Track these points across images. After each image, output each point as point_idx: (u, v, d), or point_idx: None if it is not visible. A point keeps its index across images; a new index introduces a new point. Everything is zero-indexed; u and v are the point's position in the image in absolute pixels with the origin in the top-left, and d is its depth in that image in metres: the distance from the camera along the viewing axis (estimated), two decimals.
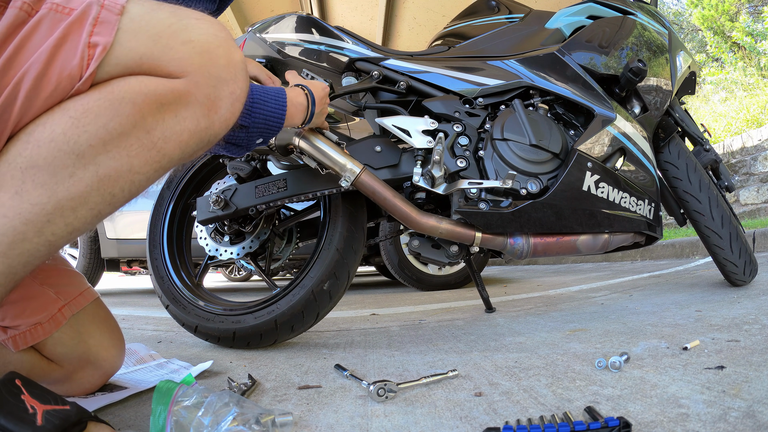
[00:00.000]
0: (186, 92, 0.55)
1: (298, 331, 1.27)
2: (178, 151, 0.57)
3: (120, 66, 0.53)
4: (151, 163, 0.56)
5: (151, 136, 0.55)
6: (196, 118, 0.57)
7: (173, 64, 0.55)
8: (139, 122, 0.53)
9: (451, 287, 3.08)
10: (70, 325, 0.82)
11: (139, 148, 0.54)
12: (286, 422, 0.66)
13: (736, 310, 1.34)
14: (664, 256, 4.18)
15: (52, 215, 0.52)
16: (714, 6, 9.86)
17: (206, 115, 0.58)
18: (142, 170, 0.56)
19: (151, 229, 1.50)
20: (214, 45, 0.57)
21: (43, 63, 0.50)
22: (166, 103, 0.54)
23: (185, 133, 0.57)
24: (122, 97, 0.52)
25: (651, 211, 1.41)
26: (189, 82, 0.55)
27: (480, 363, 1.01)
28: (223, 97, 0.59)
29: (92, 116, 0.52)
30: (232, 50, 0.59)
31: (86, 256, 3.49)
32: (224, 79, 0.58)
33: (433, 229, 1.22)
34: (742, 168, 5.51)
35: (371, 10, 4.42)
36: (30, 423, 0.51)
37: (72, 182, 0.52)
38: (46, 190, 0.51)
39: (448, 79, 1.37)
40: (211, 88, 0.57)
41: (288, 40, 1.43)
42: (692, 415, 0.64)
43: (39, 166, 0.51)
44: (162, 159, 0.56)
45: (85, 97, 0.52)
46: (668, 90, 1.58)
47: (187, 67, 0.55)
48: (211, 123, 0.59)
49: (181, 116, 0.56)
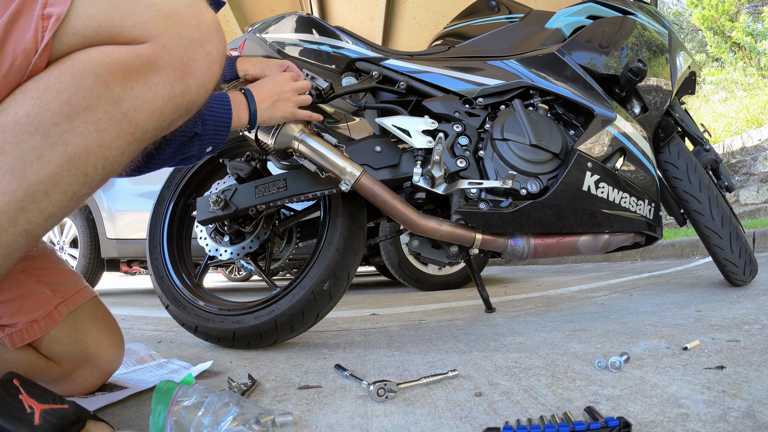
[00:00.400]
0: (154, 57, 0.53)
1: (298, 331, 1.27)
2: (153, 121, 0.55)
3: (78, 36, 0.51)
4: (124, 136, 0.53)
5: (119, 107, 0.52)
6: (169, 83, 0.54)
7: (137, 29, 0.52)
8: (105, 93, 0.51)
9: (451, 287, 3.08)
10: (67, 322, 0.82)
11: (108, 121, 0.52)
12: (286, 422, 0.66)
13: (736, 310, 1.34)
14: (664, 256, 4.18)
15: (24, 202, 0.49)
16: (714, 6, 9.86)
17: (180, 80, 0.55)
18: (114, 144, 0.53)
19: (151, 229, 1.50)
20: (181, 6, 0.55)
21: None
22: (132, 71, 0.52)
23: (158, 100, 0.54)
24: (83, 70, 0.50)
25: (651, 211, 1.41)
26: (156, 46, 0.53)
27: (480, 363, 1.01)
28: (197, 59, 0.56)
29: (54, 93, 0.49)
30: (202, 10, 0.57)
31: (86, 256, 3.49)
32: (197, 40, 0.55)
33: (433, 232, 1.22)
34: (742, 168, 5.51)
35: (371, 10, 4.42)
36: (28, 422, 0.51)
37: (41, 164, 0.49)
38: (15, 176, 0.49)
39: (448, 79, 1.37)
40: (182, 50, 0.54)
41: (288, 40, 1.43)
42: (692, 415, 0.64)
43: (6, 151, 0.49)
44: (135, 130, 0.54)
45: (44, 74, 0.50)
46: (668, 90, 1.58)
47: (153, 30, 0.53)
48: (186, 87, 0.56)
49: (151, 83, 0.53)
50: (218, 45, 0.58)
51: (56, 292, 0.82)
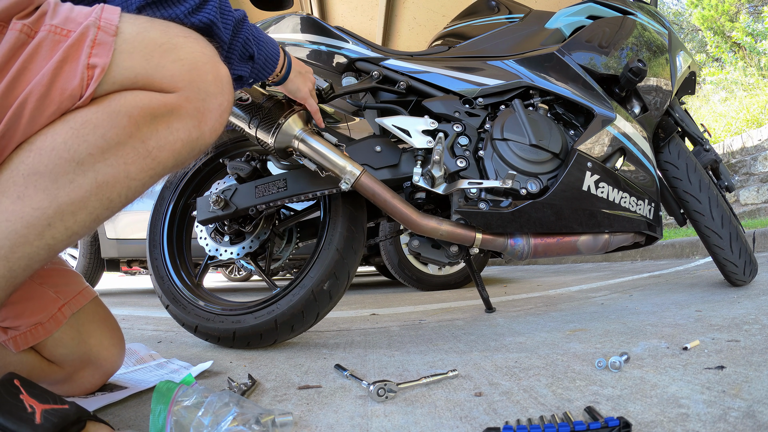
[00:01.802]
0: (177, 105, 0.60)
1: (298, 331, 1.27)
2: (172, 160, 0.62)
3: (117, 84, 0.57)
4: (147, 170, 0.60)
5: (146, 145, 0.59)
6: (188, 129, 0.61)
7: (165, 81, 0.59)
8: (135, 133, 0.57)
9: (451, 287, 3.08)
10: (70, 324, 0.82)
11: (135, 156, 0.58)
12: (286, 422, 0.66)
13: (736, 310, 1.34)
14: (664, 256, 4.19)
15: (52, 219, 0.54)
16: (714, 6, 9.86)
17: (197, 126, 0.62)
18: (138, 177, 0.59)
19: (151, 229, 1.50)
20: (201, 62, 0.62)
21: (46, 84, 0.54)
22: (159, 115, 0.59)
23: (178, 143, 0.61)
24: (119, 110, 0.56)
25: (651, 211, 1.41)
26: (180, 97, 0.60)
27: (480, 363, 1.01)
28: (212, 110, 0.63)
29: (91, 127, 0.55)
30: (218, 66, 0.64)
31: (86, 256, 3.49)
32: (212, 93, 0.63)
33: (433, 231, 1.22)
34: (742, 168, 5.51)
35: (371, 10, 4.42)
36: (29, 422, 0.51)
37: (72, 188, 0.55)
38: (47, 195, 0.54)
39: (448, 79, 1.37)
40: (200, 101, 0.62)
41: (288, 40, 1.43)
42: (692, 415, 0.64)
43: (41, 172, 0.54)
44: (157, 166, 0.60)
45: (84, 110, 0.56)
46: (668, 90, 1.58)
47: (179, 83, 0.60)
48: (201, 133, 0.63)
49: (173, 127, 0.60)
50: (229, 97, 0.66)
51: (59, 294, 0.82)
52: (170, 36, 0.61)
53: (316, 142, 1.15)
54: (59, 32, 0.55)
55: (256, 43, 0.87)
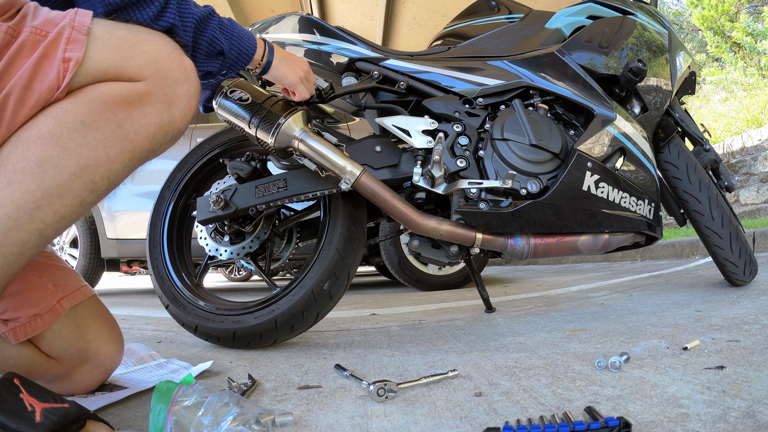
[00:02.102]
0: (147, 92, 0.65)
1: (298, 331, 1.27)
2: (148, 143, 0.67)
3: (90, 76, 0.63)
4: (125, 153, 0.65)
5: (123, 129, 0.64)
6: (159, 113, 0.67)
7: (134, 71, 0.65)
8: (111, 117, 0.63)
9: (451, 287, 3.08)
10: (69, 318, 0.83)
11: (114, 139, 0.63)
12: (286, 422, 0.66)
13: (736, 310, 1.34)
14: (664, 256, 4.19)
15: (40, 201, 0.59)
16: (714, 6, 9.86)
17: (168, 111, 0.67)
18: (117, 159, 0.64)
19: (151, 229, 1.50)
20: (165, 53, 0.68)
21: (27, 78, 0.59)
22: (131, 101, 0.64)
23: (152, 126, 0.66)
24: (94, 99, 0.62)
25: (651, 211, 1.41)
26: (148, 84, 0.65)
27: (480, 363, 1.01)
28: (180, 95, 0.68)
29: (71, 115, 0.61)
30: (180, 57, 0.70)
31: (86, 256, 3.49)
32: (178, 80, 0.68)
33: (433, 231, 1.22)
34: (742, 168, 5.51)
35: (371, 10, 4.42)
36: (29, 420, 0.51)
37: (57, 171, 0.59)
38: (34, 178, 0.58)
39: (448, 79, 1.37)
40: (168, 87, 0.67)
41: (288, 40, 1.43)
42: (692, 415, 0.64)
43: (27, 158, 0.58)
44: (134, 149, 0.65)
45: (63, 101, 0.62)
46: (668, 90, 1.58)
47: (146, 72, 0.65)
48: (173, 117, 0.68)
49: (146, 111, 0.65)
50: (195, 84, 0.71)
51: (59, 287, 0.83)
52: (135, 33, 0.67)
53: (316, 142, 1.15)
54: (39, 33, 0.61)
55: (227, 39, 0.93)
